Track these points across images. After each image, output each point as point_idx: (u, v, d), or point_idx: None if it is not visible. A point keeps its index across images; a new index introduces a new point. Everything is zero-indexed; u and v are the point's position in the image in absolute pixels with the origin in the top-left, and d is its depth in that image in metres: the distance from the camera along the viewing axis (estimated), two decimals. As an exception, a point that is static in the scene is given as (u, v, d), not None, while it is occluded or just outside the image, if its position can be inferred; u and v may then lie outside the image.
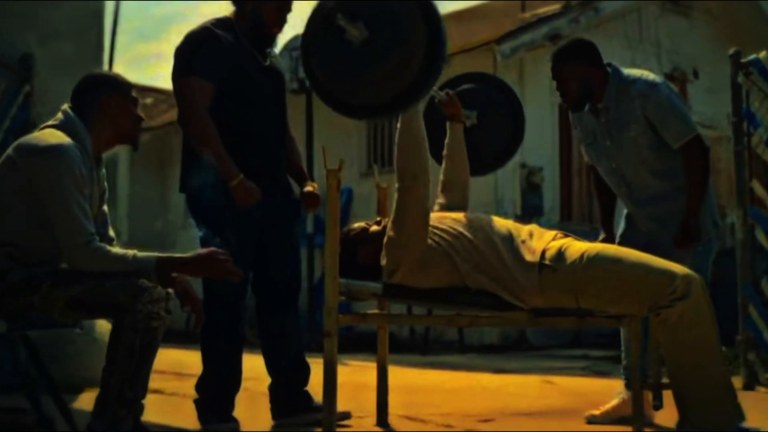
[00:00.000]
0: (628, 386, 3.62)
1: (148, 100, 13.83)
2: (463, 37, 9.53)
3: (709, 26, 11.12)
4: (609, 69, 3.59)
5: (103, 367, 2.61)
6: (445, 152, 3.35)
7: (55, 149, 2.66)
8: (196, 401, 3.40)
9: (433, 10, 2.49)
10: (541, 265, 2.82)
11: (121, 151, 13.08)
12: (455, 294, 2.95)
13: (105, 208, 2.95)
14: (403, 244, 2.84)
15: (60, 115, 2.81)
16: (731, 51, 5.00)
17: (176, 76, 3.37)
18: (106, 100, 2.84)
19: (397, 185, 2.85)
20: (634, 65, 3.92)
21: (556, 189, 9.64)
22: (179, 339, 5.54)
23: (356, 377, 5.05)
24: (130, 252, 2.65)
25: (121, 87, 2.91)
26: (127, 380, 2.58)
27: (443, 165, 3.35)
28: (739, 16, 11.05)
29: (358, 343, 7.19)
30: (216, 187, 3.26)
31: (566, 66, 3.57)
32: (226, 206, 3.27)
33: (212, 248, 2.73)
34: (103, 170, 2.92)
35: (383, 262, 2.92)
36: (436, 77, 2.53)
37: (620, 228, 3.80)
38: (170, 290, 2.78)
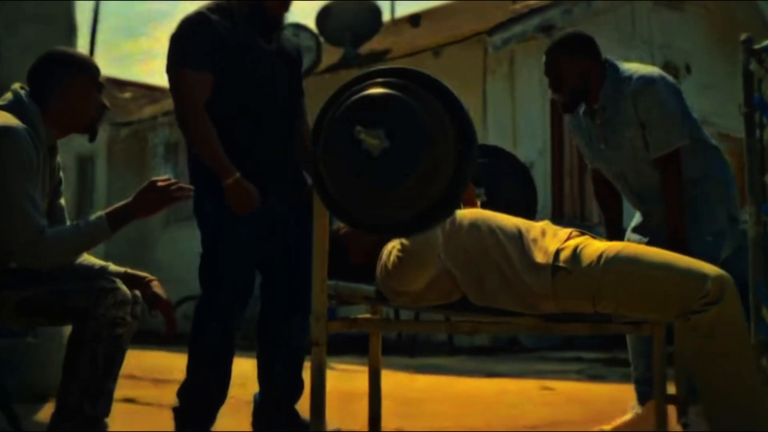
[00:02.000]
0: (641, 400, 3.34)
1: (127, 95, 13.53)
2: (454, 28, 9.30)
3: (702, 20, 11.05)
4: (606, 65, 3.29)
5: (61, 381, 2.30)
6: None
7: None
8: (175, 409, 3.09)
9: (461, 108, 2.17)
10: (554, 267, 2.52)
11: (99, 147, 12.79)
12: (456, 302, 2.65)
13: (62, 201, 2.63)
14: (417, 259, 2.54)
15: (9, 95, 2.48)
16: (743, 37, 4.71)
17: (170, 67, 3.07)
18: (69, 83, 2.53)
19: (396, 252, 2.53)
20: (626, 60, 3.61)
21: (547, 186, 9.46)
22: (160, 340, 5.18)
23: (344, 384, 4.76)
24: (81, 222, 2.39)
25: (88, 69, 2.59)
26: (88, 396, 2.26)
27: None
28: (733, 11, 10.99)
29: (345, 345, 6.91)
30: (215, 189, 2.97)
31: (562, 59, 3.27)
32: (223, 210, 2.98)
33: (151, 180, 2.47)
34: (59, 159, 2.60)
35: (388, 273, 2.62)
36: (466, 185, 2.20)
37: (634, 220, 3.52)
38: (137, 293, 2.48)
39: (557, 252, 2.55)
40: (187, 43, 3.01)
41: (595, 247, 2.55)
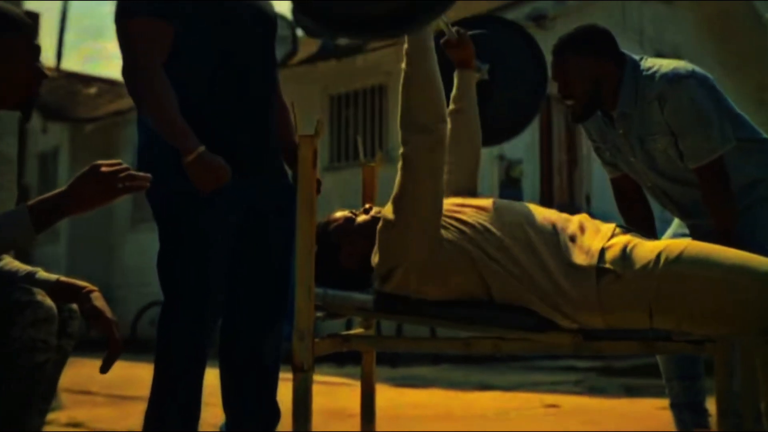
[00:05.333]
0: (679, 426, 2.84)
1: (93, 90, 12.96)
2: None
3: (692, 13, 10.84)
4: (624, 63, 2.70)
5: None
6: (450, 108, 2.47)
7: None
8: None
9: None
10: (600, 269, 2.01)
11: (62, 144, 12.22)
12: (474, 309, 2.14)
13: None
14: (405, 232, 2.03)
15: None
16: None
17: (119, 15, 2.48)
18: None
19: (401, 147, 2.04)
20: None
21: (536, 185, 9.12)
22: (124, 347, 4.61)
23: (329, 401, 4.24)
24: None
25: (20, 26, 2.03)
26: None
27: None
28: (723, 4, 10.79)
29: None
30: (174, 169, 2.39)
31: (571, 60, 2.69)
32: (186, 196, 2.41)
33: (93, 164, 1.90)
34: None
35: (375, 260, 2.10)
36: None
37: (672, 229, 2.95)
38: (73, 306, 1.93)
39: (602, 251, 2.04)
40: None
41: (649, 245, 2.04)
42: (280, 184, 2.64)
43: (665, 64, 2.67)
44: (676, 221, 2.93)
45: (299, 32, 10.43)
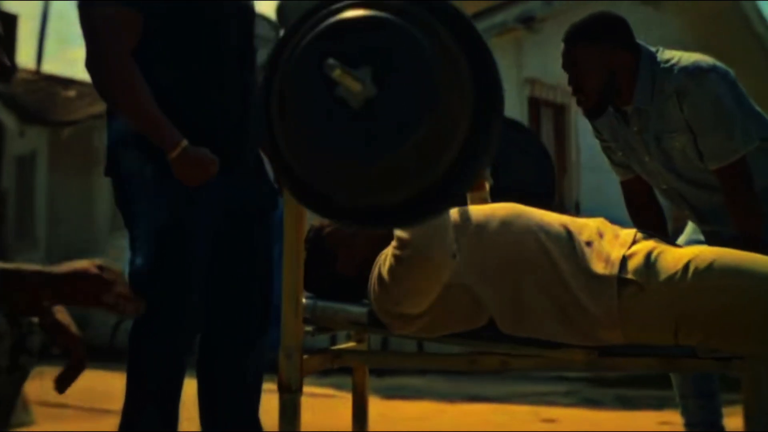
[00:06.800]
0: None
1: (71, 93, 12.70)
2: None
3: (678, 17, 10.75)
4: (640, 55, 2.50)
5: None
6: None
7: None
8: None
9: (481, 44, 1.41)
10: (621, 279, 1.82)
11: (40, 148, 11.99)
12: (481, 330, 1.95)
13: None
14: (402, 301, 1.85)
15: None
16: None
17: (82, 4, 2.27)
18: None
19: (393, 251, 1.83)
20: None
21: (525, 191, 8.85)
22: (100, 356, 4.41)
23: (316, 417, 4.01)
24: None
25: None
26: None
27: None
28: (711, 7, 10.70)
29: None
30: (152, 163, 2.20)
31: (583, 50, 2.48)
32: (168, 192, 2.21)
33: (85, 268, 1.62)
34: None
35: (376, 292, 1.89)
36: (488, 158, 1.46)
37: (686, 234, 2.75)
38: (33, 320, 1.71)
39: (623, 260, 1.85)
40: None
41: (676, 253, 1.85)
42: (261, 181, 2.43)
43: (685, 57, 2.47)
44: (690, 226, 2.73)
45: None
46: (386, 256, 1.83)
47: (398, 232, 1.77)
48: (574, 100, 2.57)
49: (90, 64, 2.24)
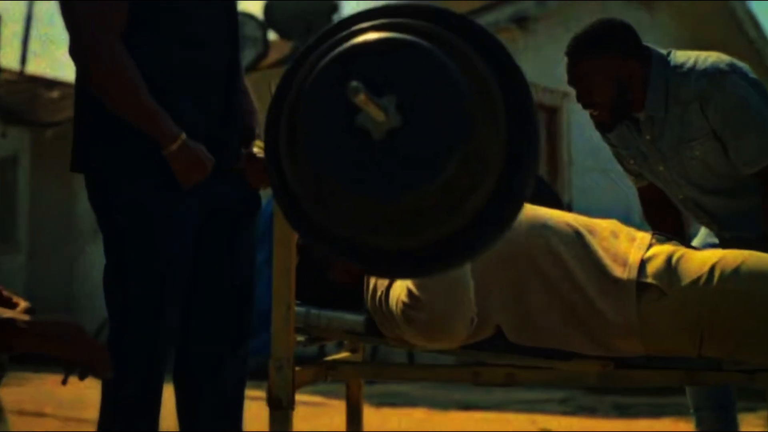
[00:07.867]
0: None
1: (55, 94, 12.51)
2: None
3: (671, 19, 10.67)
4: (650, 60, 2.34)
5: None
6: None
7: None
8: None
9: (517, 72, 1.28)
10: (640, 284, 1.68)
11: (23, 149, 11.78)
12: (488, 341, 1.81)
13: None
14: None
15: None
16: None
17: None
18: None
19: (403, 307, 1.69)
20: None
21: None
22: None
23: (308, 426, 3.88)
24: None
25: None
26: None
27: None
28: (704, 12, 10.65)
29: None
30: (132, 159, 2.05)
31: (591, 64, 2.31)
32: (149, 191, 2.05)
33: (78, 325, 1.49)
34: None
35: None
36: (522, 198, 1.30)
37: (700, 238, 2.61)
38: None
39: (642, 263, 1.71)
40: None
41: (699, 256, 1.71)
42: (244, 183, 2.27)
43: (700, 59, 2.30)
44: (703, 231, 2.59)
45: (271, 34, 10.08)
46: (396, 300, 1.68)
47: (411, 286, 1.62)
48: (567, 101, 2.43)
49: (76, 49, 2.08)
